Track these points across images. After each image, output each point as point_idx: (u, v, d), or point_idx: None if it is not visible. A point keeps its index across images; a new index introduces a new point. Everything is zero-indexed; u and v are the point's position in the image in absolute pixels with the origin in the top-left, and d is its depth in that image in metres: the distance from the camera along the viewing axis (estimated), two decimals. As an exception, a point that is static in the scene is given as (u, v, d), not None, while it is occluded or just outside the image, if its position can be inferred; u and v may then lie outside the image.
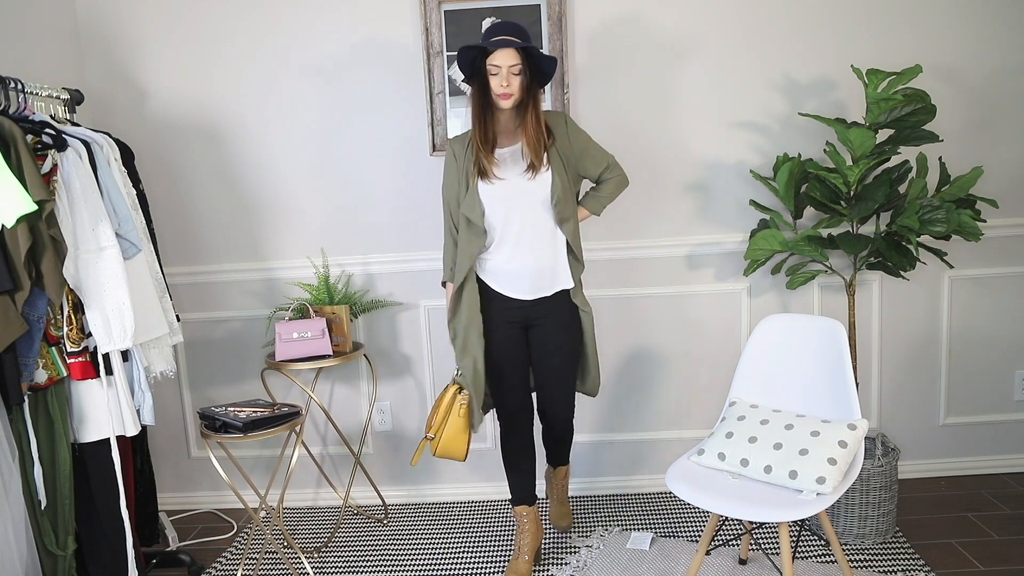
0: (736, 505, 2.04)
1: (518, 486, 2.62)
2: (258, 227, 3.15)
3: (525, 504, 2.62)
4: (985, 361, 3.11)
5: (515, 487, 2.63)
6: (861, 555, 2.62)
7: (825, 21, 2.92)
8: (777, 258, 2.94)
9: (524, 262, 2.44)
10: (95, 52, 3.05)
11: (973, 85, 2.94)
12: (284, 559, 2.65)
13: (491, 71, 2.31)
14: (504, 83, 2.30)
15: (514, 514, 2.65)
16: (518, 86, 2.33)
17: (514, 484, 2.63)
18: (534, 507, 2.64)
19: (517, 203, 2.41)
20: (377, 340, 3.18)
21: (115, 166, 2.42)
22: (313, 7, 3.00)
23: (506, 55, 2.28)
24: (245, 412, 2.51)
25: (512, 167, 2.42)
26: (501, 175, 2.40)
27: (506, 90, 2.31)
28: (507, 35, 2.29)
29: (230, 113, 3.08)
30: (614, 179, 2.56)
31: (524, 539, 2.61)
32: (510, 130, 2.44)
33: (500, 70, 2.29)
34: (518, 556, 2.59)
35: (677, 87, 2.98)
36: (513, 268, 2.45)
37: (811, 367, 2.33)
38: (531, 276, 2.45)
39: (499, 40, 2.28)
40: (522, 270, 2.44)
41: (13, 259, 2.06)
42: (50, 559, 2.30)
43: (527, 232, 2.42)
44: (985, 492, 3.01)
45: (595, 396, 2.71)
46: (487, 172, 2.39)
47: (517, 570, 2.56)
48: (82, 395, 2.32)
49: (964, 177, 2.60)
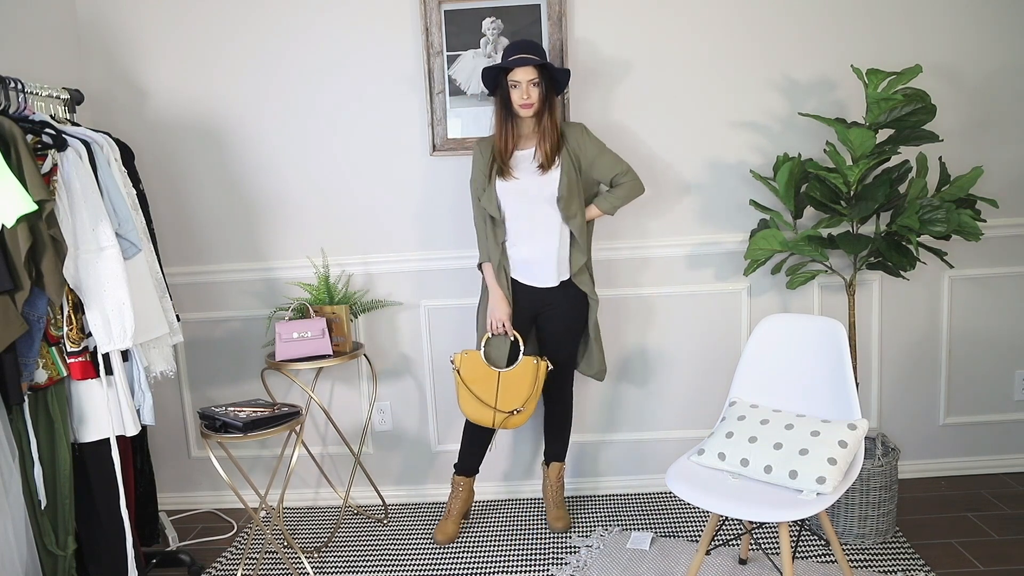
0: (736, 505, 2.04)
1: (469, 458, 2.90)
2: (258, 227, 3.15)
3: (465, 476, 2.92)
4: (985, 361, 3.11)
5: (465, 458, 2.91)
6: (861, 555, 2.62)
7: (825, 21, 2.92)
8: (777, 258, 2.94)
9: (533, 252, 2.71)
10: (95, 52, 3.05)
11: (973, 85, 2.94)
12: (284, 559, 2.65)
13: (512, 85, 2.59)
14: (524, 96, 2.59)
15: (453, 481, 2.93)
16: (537, 97, 2.60)
17: (466, 455, 2.90)
18: (472, 479, 2.95)
19: (529, 199, 2.68)
20: (377, 340, 3.18)
21: (115, 166, 2.42)
22: (313, 7, 3.00)
23: (525, 71, 2.56)
24: (245, 412, 2.51)
25: (527, 167, 2.68)
26: (517, 174, 2.68)
27: (526, 102, 2.59)
28: (526, 53, 2.58)
29: (230, 113, 3.08)
30: (627, 183, 2.74)
31: (456, 504, 2.91)
32: (528, 134, 2.70)
33: (520, 84, 2.58)
34: (448, 517, 2.91)
35: (677, 87, 2.98)
36: (524, 257, 2.73)
37: (811, 367, 2.33)
38: (540, 265, 2.72)
39: (518, 59, 2.57)
40: (531, 259, 2.72)
41: (13, 259, 2.06)
42: (50, 559, 2.30)
43: (537, 225, 2.69)
44: (985, 492, 3.01)
45: (602, 380, 2.91)
46: (505, 171, 2.68)
47: (446, 530, 2.87)
48: (82, 395, 2.32)
49: (964, 177, 2.60)
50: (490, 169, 2.70)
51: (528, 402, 2.72)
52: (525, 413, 2.74)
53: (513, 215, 2.71)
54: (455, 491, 2.92)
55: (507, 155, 2.67)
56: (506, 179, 2.68)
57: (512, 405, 2.72)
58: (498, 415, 2.73)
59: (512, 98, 2.61)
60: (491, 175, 2.70)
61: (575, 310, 2.78)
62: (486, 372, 2.74)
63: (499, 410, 2.73)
